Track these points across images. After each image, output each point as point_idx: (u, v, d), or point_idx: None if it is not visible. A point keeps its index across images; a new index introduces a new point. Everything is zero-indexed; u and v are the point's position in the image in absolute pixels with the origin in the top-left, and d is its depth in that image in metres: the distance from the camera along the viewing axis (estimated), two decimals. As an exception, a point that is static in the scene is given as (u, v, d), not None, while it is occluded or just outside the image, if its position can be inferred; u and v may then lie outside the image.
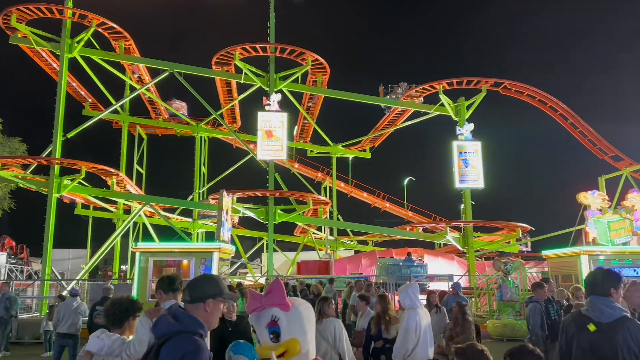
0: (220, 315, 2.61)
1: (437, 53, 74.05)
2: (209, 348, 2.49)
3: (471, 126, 25.50)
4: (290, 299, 2.68)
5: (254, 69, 24.80)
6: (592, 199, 14.47)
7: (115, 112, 28.47)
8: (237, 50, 24.07)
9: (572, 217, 22.13)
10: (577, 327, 3.55)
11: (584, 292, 5.39)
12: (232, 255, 16.62)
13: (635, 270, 13.37)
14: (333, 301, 6.15)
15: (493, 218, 26.06)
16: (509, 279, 15.57)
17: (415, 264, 22.37)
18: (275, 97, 23.64)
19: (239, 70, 24.88)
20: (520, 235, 25.81)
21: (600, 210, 14.41)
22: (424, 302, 7.89)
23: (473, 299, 18.70)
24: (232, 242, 18.13)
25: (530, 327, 7.55)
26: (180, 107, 30.23)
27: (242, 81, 25.16)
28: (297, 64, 25.39)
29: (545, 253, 16.33)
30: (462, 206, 26.21)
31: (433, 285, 20.51)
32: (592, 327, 3.44)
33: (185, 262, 14.04)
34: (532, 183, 52.27)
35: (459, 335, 7.58)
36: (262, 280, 20.82)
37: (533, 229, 25.94)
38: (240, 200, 23.26)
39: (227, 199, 15.65)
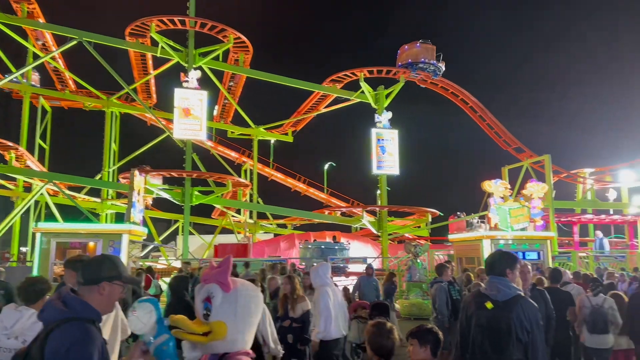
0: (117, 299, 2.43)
1: (362, 41, 75.29)
2: (103, 336, 2.33)
3: (389, 114, 26.31)
4: (241, 282, 2.51)
5: (171, 43, 23.68)
6: (495, 187, 15.46)
7: (16, 81, 26.08)
8: (154, 22, 22.83)
9: (477, 204, 23.71)
10: (477, 305, 3.76)
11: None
12: (144, 237, 15.98)
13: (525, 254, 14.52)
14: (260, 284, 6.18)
15: (406, 203, 27.18)
16: (418, 261, 16.36)
17: (346, 247, 23.11)
18: (194, 74, 22.76)
19: (155, 43, 23.64)
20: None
21: (502, 198, 15.44)
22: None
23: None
24: (145, 224, 17.43)
25: (436, 307, 7.98)
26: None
27: (158, 55, 23.94)
28: (218, 41, 24.62)
29: (451, 237, 17.29)
30: (378, 192, 27.05)
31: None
32: (489, 305, 3.66)
33: (91, 244, 13.39)
34: (442, 171, 55.13)
35: None
36: (177, 264, 20.22)
37: (442, 214, 27.38)
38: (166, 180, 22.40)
39: (139, 179, 14.94)
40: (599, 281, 7.35)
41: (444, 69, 28.58)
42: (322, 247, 22.19)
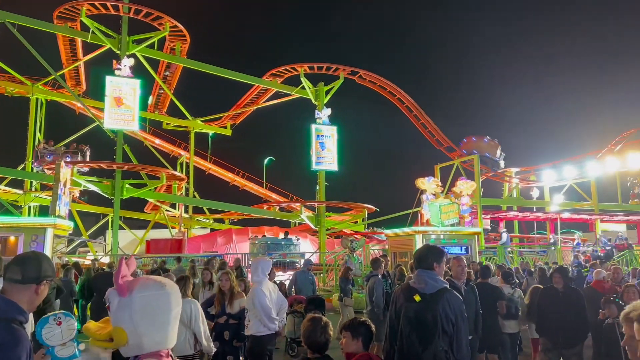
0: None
1: (303, 35, 75.28)
2: (29, 337, 2.18)
3: (329, 111, 26.52)
4: (140, 283, 2.23)
5: (103, 29, 22.57)
6: (428, 184, 16.01)
7: None
8: (85, 6, 21.67)
9: (411, 200, 24.44)
10: (405, 297, 3.87)
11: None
12: (70, 232, 15.20)
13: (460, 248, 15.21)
14: (191, 281, 6.04)
15: (344, 199, 27.57)
16: (354, 255, 16.65)
17: (294, 243, 22.98)
18: (127, 62, 21.82)
19: (86, 28, 22.47)
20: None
21: (434, 194, 16.03)
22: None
23: (322, 275, 19.64)
24: (71, 217, 16.57)
25: (373, 299, 8.17)
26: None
27: (88, 40, 22.75)
28: (154, 29, 23.74)
29: (386, 232, 17.72)
30: (317, 187, 27.22)
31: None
32: (417, 298, 3.77)
33: (12, 238, 12.57)
34: (379, 167, 56.42)
35: None
36: (106, 260, 19.38)
37: (378, 209, 28.03)
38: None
39: (66, 170, 14.17)
40: (512, 275, 7.99)
41: (502, 166, 31.07)
42: (269, 242, 22.05)
